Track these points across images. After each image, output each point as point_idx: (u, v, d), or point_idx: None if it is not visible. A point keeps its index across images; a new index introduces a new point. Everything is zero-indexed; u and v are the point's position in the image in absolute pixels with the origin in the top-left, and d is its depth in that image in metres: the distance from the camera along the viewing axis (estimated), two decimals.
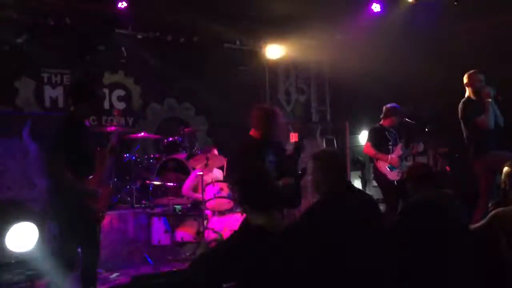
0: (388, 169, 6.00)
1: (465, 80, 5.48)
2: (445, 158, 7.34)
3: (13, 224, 4.84)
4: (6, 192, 5.90)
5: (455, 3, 6.91)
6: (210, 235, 5.70)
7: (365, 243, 2.81)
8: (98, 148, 4.22)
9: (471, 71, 5.48)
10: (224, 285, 2.67)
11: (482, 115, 5.26)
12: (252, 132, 4.50)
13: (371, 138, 6.19)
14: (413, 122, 6.48)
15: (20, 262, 4.88)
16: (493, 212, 3.36)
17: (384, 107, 6.27)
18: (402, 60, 7.58)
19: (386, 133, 6.17)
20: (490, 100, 5.26)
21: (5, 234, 4.81)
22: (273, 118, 4.43)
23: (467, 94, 5.49)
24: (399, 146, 6.14)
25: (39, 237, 4.95)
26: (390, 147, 6.11)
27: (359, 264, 2.75)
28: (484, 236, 3.26)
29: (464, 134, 5.48)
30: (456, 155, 7.09)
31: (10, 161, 5.98)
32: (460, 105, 5.46)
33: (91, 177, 3.95)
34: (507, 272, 3.16)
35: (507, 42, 6.86)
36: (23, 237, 4.87)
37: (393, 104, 6.25)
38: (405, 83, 7.64)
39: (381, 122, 6.24)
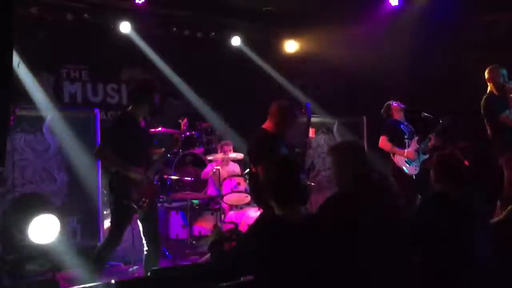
0: (406, 163, 5.92)
1: (486, 75, 5.38)
2: (464, 153, 7.23)
3: (35, 217, 4.95)
4: (27, 186, 6.01)
5: None
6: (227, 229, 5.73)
7: (382, 237, 2.80)
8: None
9: (492, 66, 5.37)
10: (242, 279, 2.69)
11: (505, 111, 5.16)
12: (265, 125, 4.52)
13: (386, 132, 6.09)
14: (431, 116, 6.41)
15: (42, 254, 4.98)
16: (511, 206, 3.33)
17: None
18: (420, 54, 7.49)
19: (402, 126, 6.09)
20: None
21: (28, 227, 4.92)
22: (290, 115, 4.48)
23: (489, 89, 5.40)
24: (415, 139, 6.06)
25: (60, 230, 5.05)
26: (406, 141, 6.02)
27: (375, 258, 2.74)
28: (502, 230, 3.23)
29: (488, 131, 5.40)
30: (477, 149, 6.99)
31: (31, 156, 6.07)
32: (482, 102, 5.36)
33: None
34: None
35: None
36: (45, 229, 4.98)
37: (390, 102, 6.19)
38: (424, 77, 7.55)
39: (394, 116, 6.17)
